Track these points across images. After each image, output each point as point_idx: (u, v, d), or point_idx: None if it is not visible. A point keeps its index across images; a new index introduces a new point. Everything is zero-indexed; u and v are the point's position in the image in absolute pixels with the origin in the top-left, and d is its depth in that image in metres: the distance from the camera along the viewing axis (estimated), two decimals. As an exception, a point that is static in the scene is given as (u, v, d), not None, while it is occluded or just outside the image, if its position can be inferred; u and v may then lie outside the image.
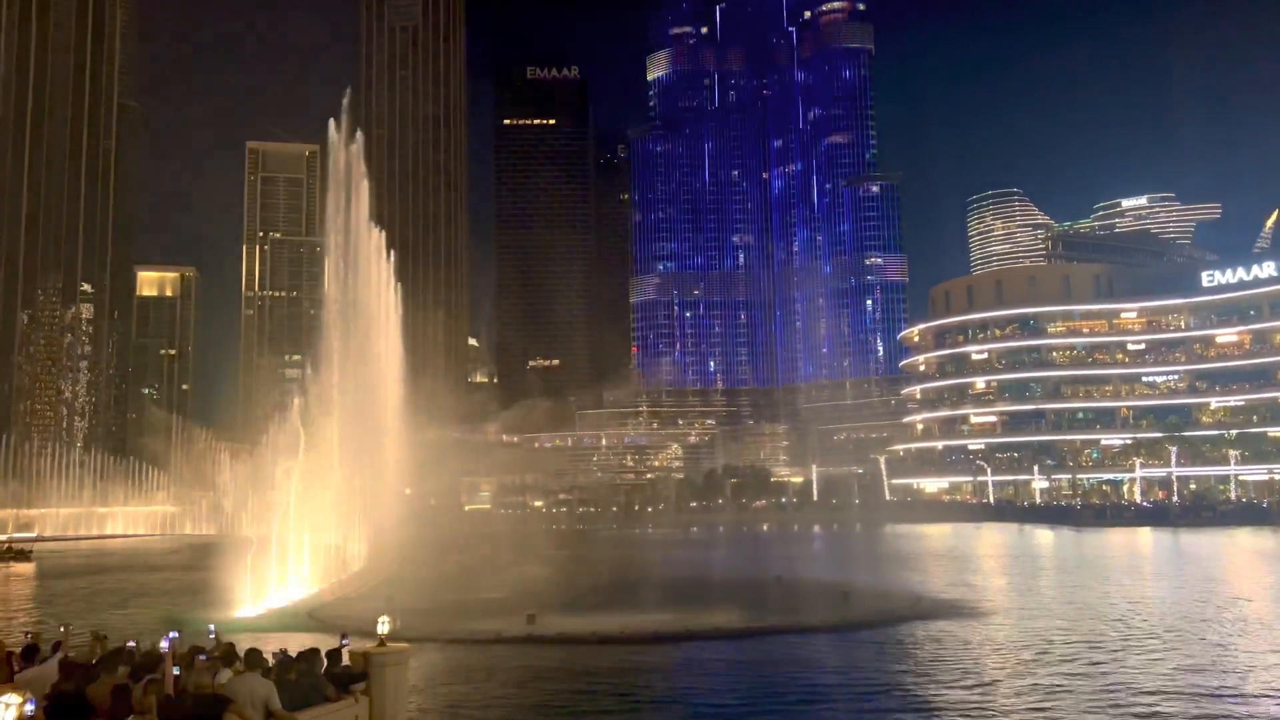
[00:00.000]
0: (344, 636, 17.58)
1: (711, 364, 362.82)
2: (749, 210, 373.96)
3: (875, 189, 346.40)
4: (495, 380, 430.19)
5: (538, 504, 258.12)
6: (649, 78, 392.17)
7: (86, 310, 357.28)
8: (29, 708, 10.08)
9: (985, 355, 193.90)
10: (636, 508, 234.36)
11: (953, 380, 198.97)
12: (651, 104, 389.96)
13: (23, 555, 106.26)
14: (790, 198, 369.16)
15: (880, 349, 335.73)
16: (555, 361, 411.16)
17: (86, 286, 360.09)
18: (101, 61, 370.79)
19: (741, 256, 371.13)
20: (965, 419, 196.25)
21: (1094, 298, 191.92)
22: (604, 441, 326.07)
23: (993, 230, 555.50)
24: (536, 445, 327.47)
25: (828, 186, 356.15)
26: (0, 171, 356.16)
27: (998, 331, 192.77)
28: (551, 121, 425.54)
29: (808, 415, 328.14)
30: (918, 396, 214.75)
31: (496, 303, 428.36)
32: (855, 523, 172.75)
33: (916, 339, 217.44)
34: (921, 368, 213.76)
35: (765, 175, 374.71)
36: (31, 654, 14.68)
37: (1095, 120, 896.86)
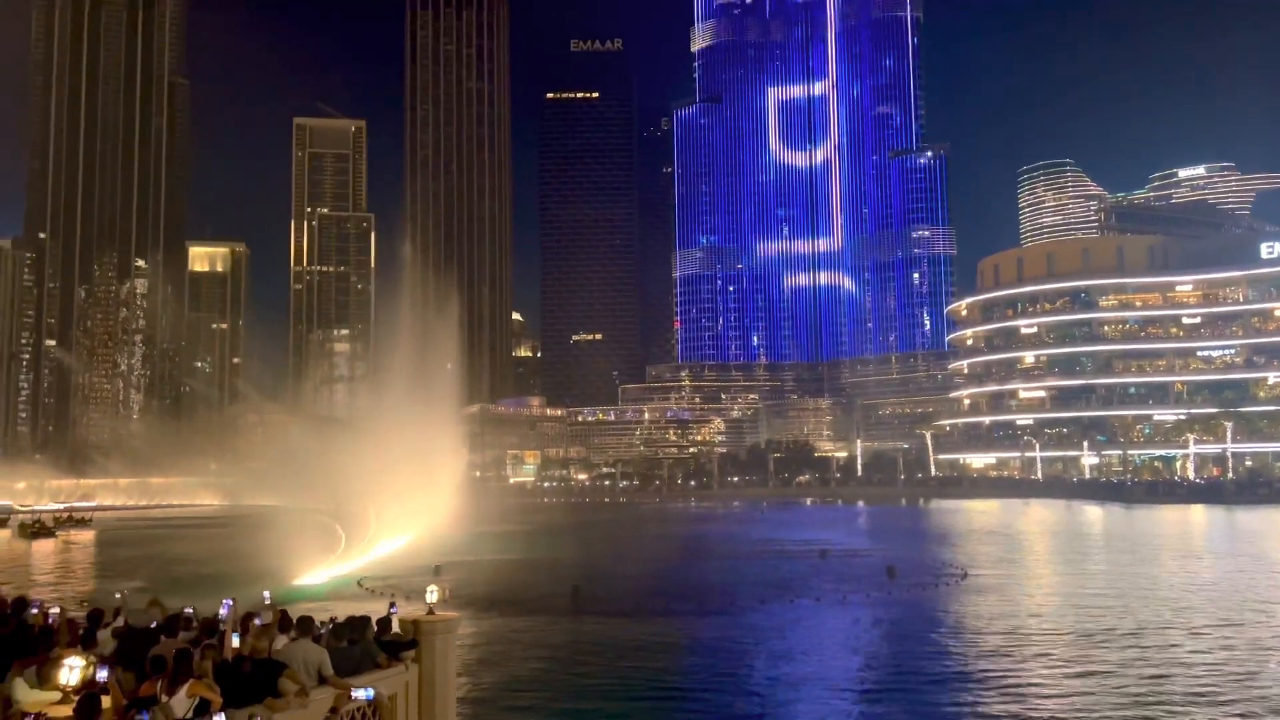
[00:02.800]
0: (393, 604, 17.94)
1: (755, 338, 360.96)
2: (793, 183, 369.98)
3: (923, 161, 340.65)
4: (539, 354, 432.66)
5: (581, 477, 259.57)
6: (692, 49, 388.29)
7: (141, 286, 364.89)
8: (102, 674, 10.44)
9: (1035, 329, 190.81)
10: (679, 481, 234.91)
11: (1001, 354, 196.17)
12: (695, 76, 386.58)
13: (83, 524, 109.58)
14: (835, 171, 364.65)
15: (927, 323, 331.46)
16: (598, 336, 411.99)
17: (141, 262, 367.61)
18: (152, 41, 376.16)
19: (785, 229, 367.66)
20: (1014, 394, 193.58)
21: (1148, 270, 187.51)
22: (646, 415, 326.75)
23: (1043, 202, 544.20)
24: (579, 419, 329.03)
25: (874, 158, 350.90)
26: (56, 150, 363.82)
27: (1048, 305, 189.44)
28: (594, 95, 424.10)
29: (852, 390, 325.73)
30: (965, 371, 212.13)
31: (540, 277, 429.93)
32: (900, 498, 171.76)
33: (964, 313, 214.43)
34: (969, 342, 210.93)
35: (810, 147, 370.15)
36: (95, 619, 15.16)
37: (1151, 88, 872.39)
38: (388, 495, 67.95)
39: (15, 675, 10.97)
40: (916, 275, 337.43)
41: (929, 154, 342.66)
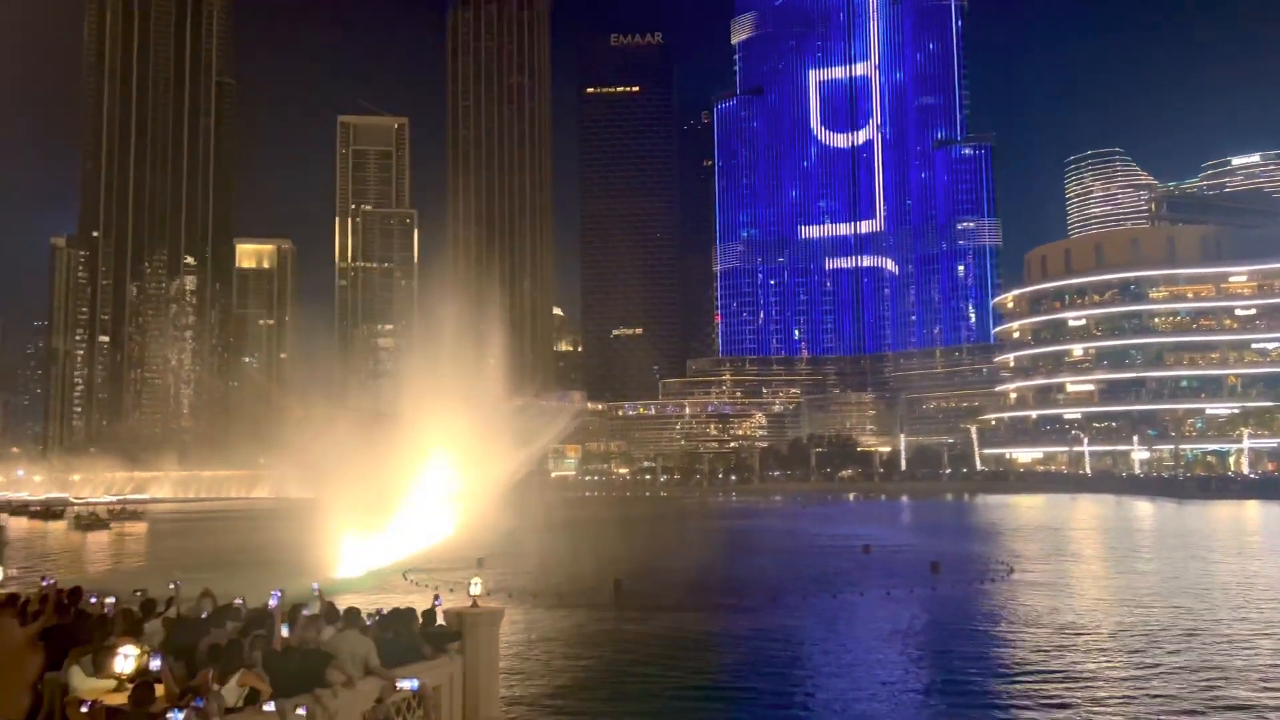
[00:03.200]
0: (437, 596, 18.10)
1: (796, 332, 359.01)
2: (835, 175, 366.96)
3: (967, 151, 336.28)
4: (579, 349, 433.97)
5: (622, 471, 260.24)
6: (732, 41, 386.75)
7: (190, 282, 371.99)
8: (154, 662, 10.64)
9: (1083, 321, 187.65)
10: (720, 476, 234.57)
11: (1049, 347, 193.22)
12: (735, 68, 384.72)
13: (135, 516, 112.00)
14: (878, 161, 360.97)
15: (972, 316, 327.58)
16: (639, 330, 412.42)
17: (190, 260, 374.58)
18: (200, 42, 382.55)
19: (827, 222, 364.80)
20: (1061, 387, 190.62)
21: (1201, 260, 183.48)
22: (687, 410, 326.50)
23: (1092, 192, 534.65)
24: (620, 413, 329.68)
25: (918, 149, 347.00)
26: (108, 151, 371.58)
27: (1096, 297, 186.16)
28: (635, 89, 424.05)
29: (896, 384, 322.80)
30: (1011, 364, 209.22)
31: (580, 272, 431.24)
32: (945, 493, 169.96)
33: (1010, 305, 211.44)
34: (1015, 335, 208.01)
35: (852, 138, 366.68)
36: (149, 609, 15.45)
37: (1203, 75, 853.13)
38: (429, 488, 68.60)
39: (72, 663, 11.22)
40: (961, 267, 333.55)
41: (974, 143, 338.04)
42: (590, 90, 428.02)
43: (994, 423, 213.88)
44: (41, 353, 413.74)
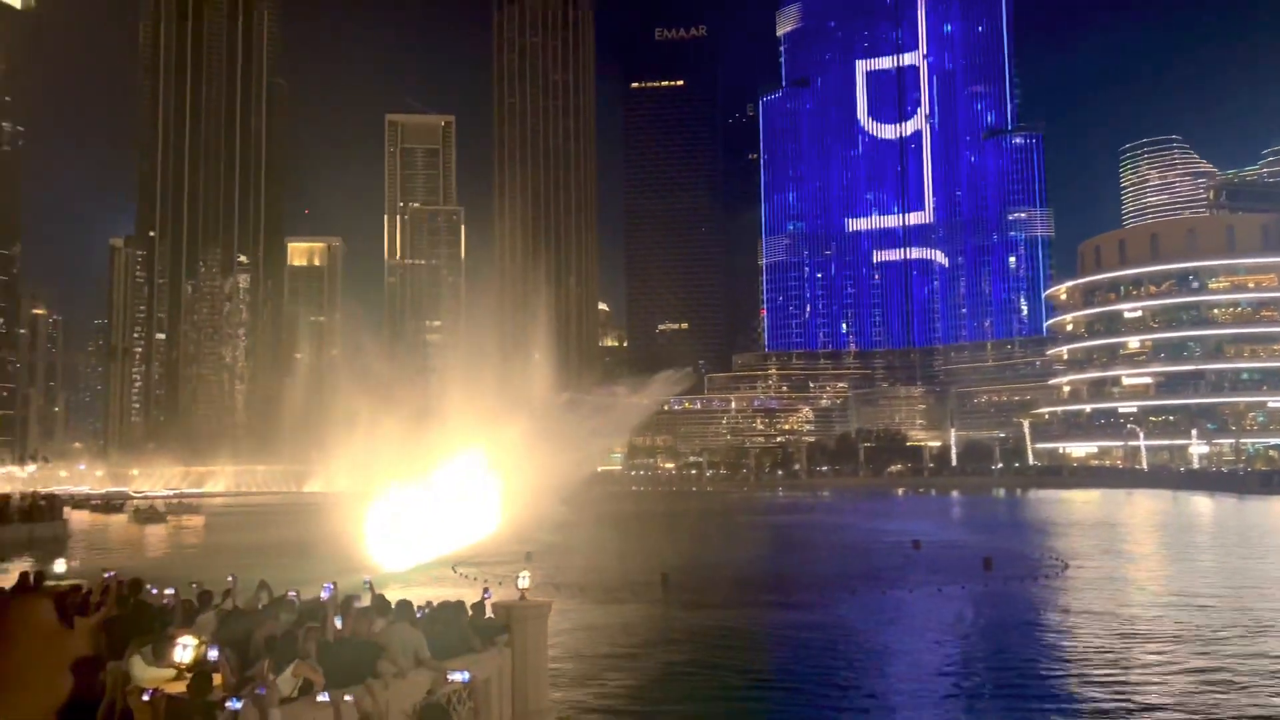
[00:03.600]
0: (486, 589, 18.22)
1: (844, 326, 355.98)
2: (883, 166, 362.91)
3: (1018, 141, 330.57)
4: (625, 344, 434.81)
5: (667, 466, 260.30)
6: (778, 33, 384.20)
7: (243, 280, 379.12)
8: (212, 653, 10.85)
9: (1139, 313, 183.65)
10: (767, 471, 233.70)
11: (1103, 340, 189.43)
12: (780, 60, 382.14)
13: (192, 509, 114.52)
14: (927, 152, 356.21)
15: (1024, 308, 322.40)
16: (684, 325, 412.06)
17: (243, 258, 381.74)
18: (252, 44, 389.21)
19: (875, 214, 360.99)
20: (1116, 380, 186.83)
21: (1261, 250, 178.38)
22: (733, 405, 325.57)
23: (1148, 180, 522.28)
24: (666, 408, 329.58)
25: (967, 139, 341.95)
26: (164, 152, 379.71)
27: (1153, 288, 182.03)
28: (680, 83, 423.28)
29: (946, 377, 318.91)
30: (1064, 357, 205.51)
31: (625, 267, 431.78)
32: (996, 488, 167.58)
33: (1064, 297, 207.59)
34: (1069, 327, 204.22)
35: (900, 129, 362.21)
36: (205, 601, 15.75)
37: (1263, 59, 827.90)
38: (478, 482, 69.14)
39: (133, 653, 11.47)
40: (1013, 259, 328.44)
41: (1025, 132, 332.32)
42: (635, 85, 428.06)
43: (1047, 417, 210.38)
44: (102, 350, 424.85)
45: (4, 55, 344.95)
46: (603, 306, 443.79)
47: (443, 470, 65.33)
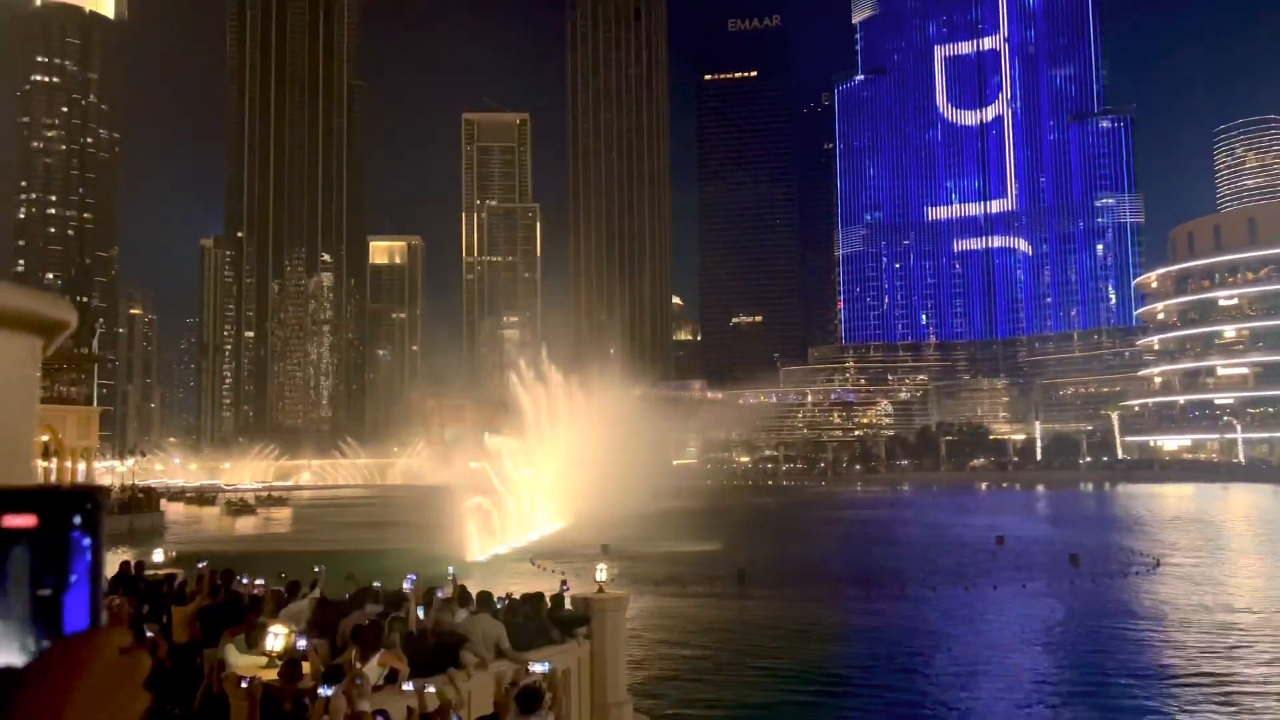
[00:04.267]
0: (565, 582, 18.43)
1: (923, 317, 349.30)
2: (963, 153, 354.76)
3: (1105, 124, 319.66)
4: (699, 338, 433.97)
5: (743, 460, 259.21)
6: (854, 21, 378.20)
7: (328, 279, 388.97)
8: (301, 642, 11.19)
9: (1235, 301, 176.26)
10: (845, 465, 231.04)
11: (1197, 329, 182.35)
12: (857, 48, 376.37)
13: (280, 502, 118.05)
14: (1009, 138, 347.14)
15: (1112, 297, 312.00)
16: (759, 318, 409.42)
17: (326, 257, 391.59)
18: (333, 46, 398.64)
19: (956, 202, 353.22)
20: (1211, 371, 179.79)
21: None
22: (809, 398, 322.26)
23: (1244, 163, 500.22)
24: (741, 401, 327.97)
25: (1051, 124, 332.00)
26: (250, 154, 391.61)
27: (1250, 274, 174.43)
28: (753, 74, 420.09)
29: (1030, 369, 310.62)
30: (1155, 347, 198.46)
31: (699, 260, 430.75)
32: (1083, 483, 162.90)
33: (1154, 285, 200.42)
34: (1160, 316, 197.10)
35: (980, 114, 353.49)
36: (294, 591, 16.27)
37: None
38: (556, 476, 69.96)
39: (227, 640, 11.91)
40: (1100, 246, 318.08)
41: (1112, 115, 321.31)
42: (708, 77, 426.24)
43: (1137, 409, 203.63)
44: (194, 348, 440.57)
45: (99, 65, 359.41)
46: (676, 300, 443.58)
47: (521, 464, 66.21)
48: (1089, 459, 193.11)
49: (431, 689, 10.69)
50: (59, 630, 0.98)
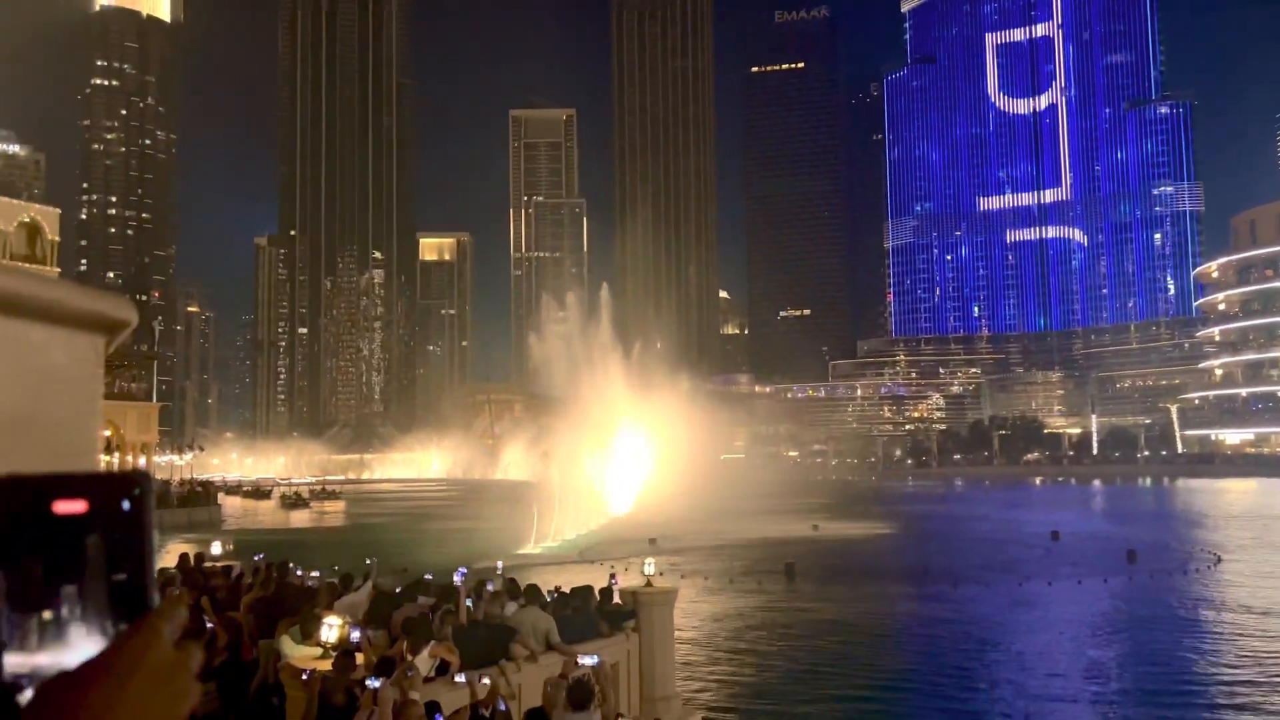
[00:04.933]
0: (613, 575, 18.49)
1: (975, 309, 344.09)
2: (1015, 142, 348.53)
3: (1163, 110, 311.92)
4: (746, 332, 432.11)
5: (791, 454, 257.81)
6: (903, 9, 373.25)
7: (379, 276, 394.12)
8: (354, 633, 11.38)
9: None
10: (895, 459, 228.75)
11: (1260, 319, 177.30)
12: (905, 37, 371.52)
13: (334, 495, 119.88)
14: (1063, 126, 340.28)
15: (1171, 287, 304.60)
16: (806, 311, 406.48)
17: (377, 254, 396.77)
18: (381, 46, 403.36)
19: (1008, 193, 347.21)
20: (1276, 363, 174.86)
21: None
22: (859, 392, 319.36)
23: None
24: (789, 396, 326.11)
25: (1106, 112, 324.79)
26: (302, 154, 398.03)
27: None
28: (800, 65, 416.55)
29: (1086, 362, 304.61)
30: (1217, 338, 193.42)
31: (746, 253, 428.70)
32: (1141, 477, 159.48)
33: (1215, 274, 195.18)
34: (1221, 306, 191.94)
35: (1033, 103, 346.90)
36: (347, 583, 16.53)
37: None
38: (602, 471, 70.21)
39: (282, 632, 12.14)
40: (1158, 235, 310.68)
41: (1170, 102, 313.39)
42: (755, 69, 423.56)
43: (1197, 402, 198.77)
44: (249, 344, 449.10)
45: (156, 68, 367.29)
46: (723, 294, 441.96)
47: (569, 459, 66.55)
48: (1147, 453, 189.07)
49: (486, 681, 10.80)
50: (135, 616, 1.00)
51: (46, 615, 0.92)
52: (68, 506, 0.95)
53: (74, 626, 0.92)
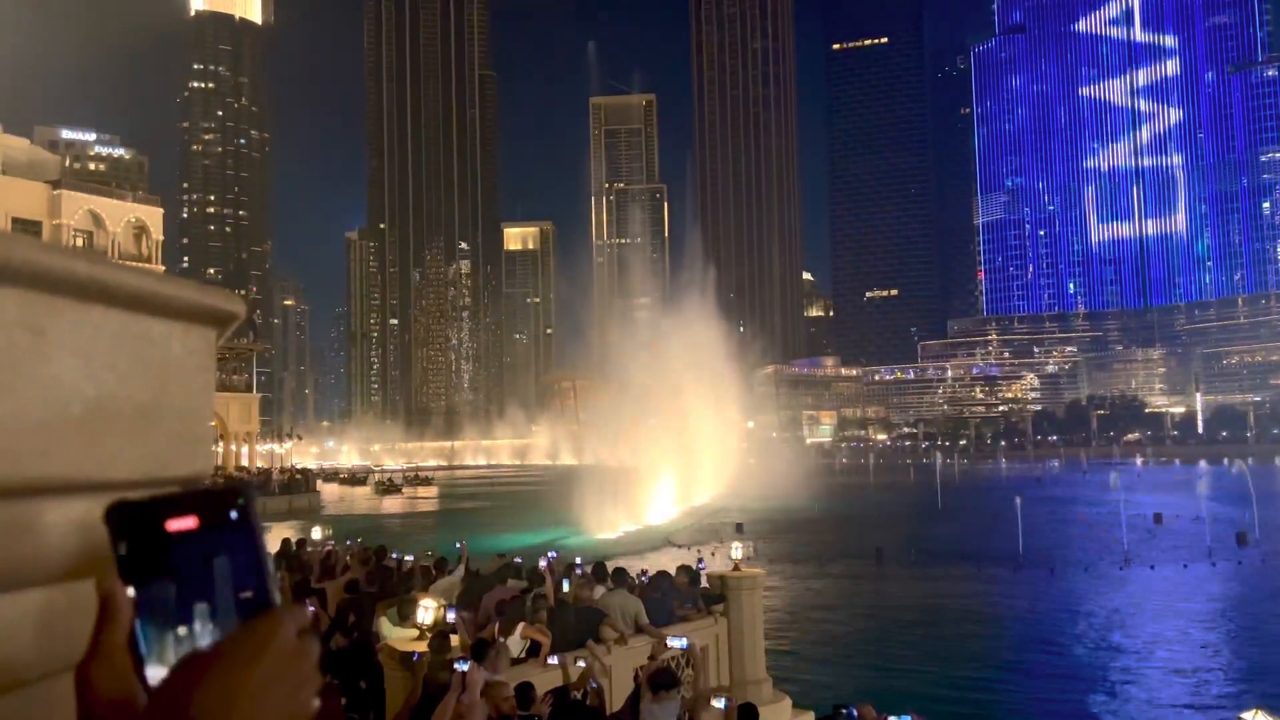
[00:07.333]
0: (700, 559, 18.58)
1: (1070, 286, 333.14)
2: (1110, 111, 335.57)
3: (1271, 73, 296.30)
4: (831, 314, 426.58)
5: (880, 438, 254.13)
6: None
7: (465, 266, 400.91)
8: (450, 615, 11.70)
9: None
10: (988, 441, 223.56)
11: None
12: (994, 6, 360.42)
13: (426, 481, 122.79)
14: (1163, 92, 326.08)
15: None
16: (893, 291, 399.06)
17: (464, 245, 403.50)
18: (464, 39, 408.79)
19: (1104, 163, 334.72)
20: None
21: None
22: (949, 373, 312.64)
23: None
24: (876, 378, 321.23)
25: (1209, 76, 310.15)
26: (389, 148, 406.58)
27: None
28: (883, 40, 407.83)
29: (1189, 338, 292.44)
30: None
31: (830, 234, 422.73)
32: (1251, 456, 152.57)
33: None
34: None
35: (1130, 71, 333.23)
36: (441, 566, 16.97)
37: None
38: (690, 456, 70.28)
39: (381, 614, 12.55)
40: (1267, 205, 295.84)
41: (1278, 65, 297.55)
42: (837, 47, 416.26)
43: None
44: (342, 336, 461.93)
45: (249, 69, 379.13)
46: (807, 276, 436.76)
47: (659, 444, 66.81)
48: (1257, 431, 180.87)
49: (582, 663, 10.99)
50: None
51: (181, 631, 0.91)
52: (179, 524, 0.94)
53: (206, 640, 0.90)
